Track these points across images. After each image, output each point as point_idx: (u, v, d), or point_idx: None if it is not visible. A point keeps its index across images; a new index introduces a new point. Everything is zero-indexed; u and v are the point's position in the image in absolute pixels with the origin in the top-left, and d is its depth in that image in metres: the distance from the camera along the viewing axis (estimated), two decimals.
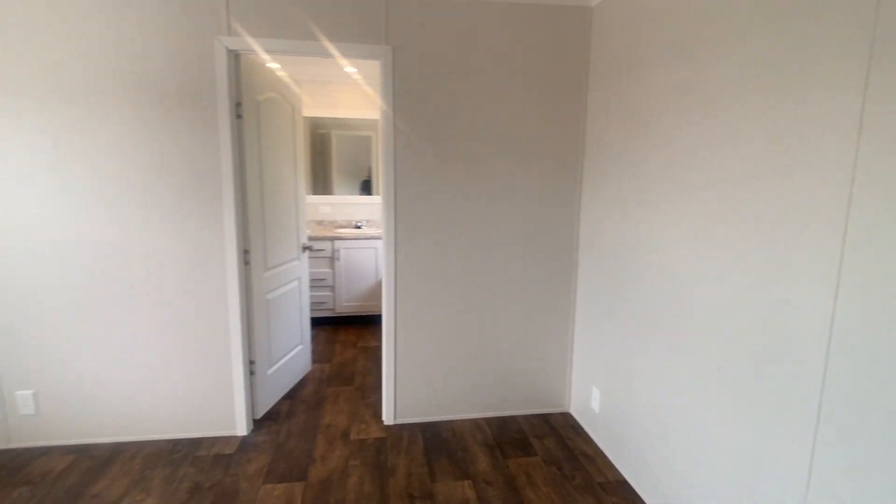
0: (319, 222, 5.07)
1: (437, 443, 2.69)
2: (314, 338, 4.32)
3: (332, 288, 4.57)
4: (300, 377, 3.43)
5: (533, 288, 2.89)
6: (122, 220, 2.47)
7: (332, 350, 4.03)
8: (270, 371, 2.98)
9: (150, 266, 2.53)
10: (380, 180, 2.67)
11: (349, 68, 4.46)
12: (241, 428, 2.73)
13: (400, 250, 2.74)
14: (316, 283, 4.53)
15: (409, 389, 2.88)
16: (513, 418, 2.97)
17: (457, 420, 2.94)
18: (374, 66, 4.31)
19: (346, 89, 4.90)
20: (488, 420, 2.94)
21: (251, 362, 2.78)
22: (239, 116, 2.55)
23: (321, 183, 5.06)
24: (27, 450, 2.55)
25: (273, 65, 4.36)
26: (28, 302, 2.47)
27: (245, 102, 2.58)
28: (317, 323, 4.71)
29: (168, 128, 2.44)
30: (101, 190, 2.43)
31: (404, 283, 2.77)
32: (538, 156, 2.77)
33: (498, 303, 2.88)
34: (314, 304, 4.55)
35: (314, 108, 4.90)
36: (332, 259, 4.53)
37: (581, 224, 2.86)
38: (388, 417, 2.88)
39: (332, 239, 4.50)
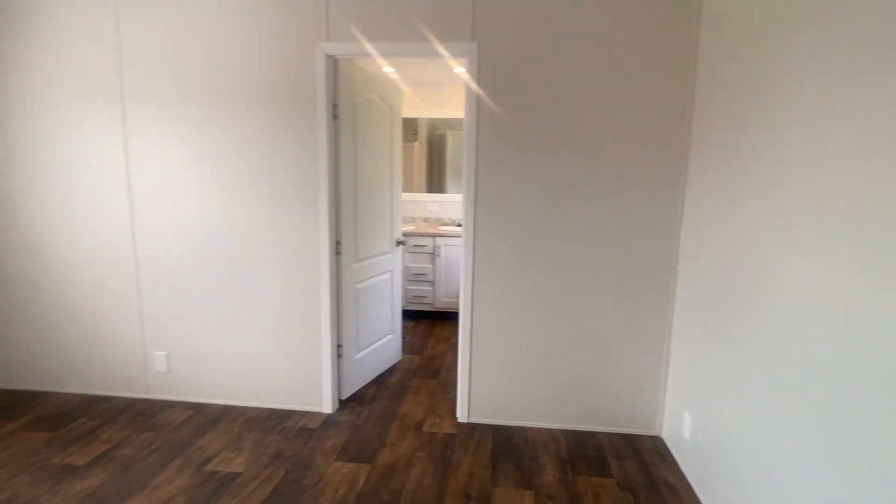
0: (426, 219, 5.24)
1: (507, 447, 2.62)
2: (411, 330, 4.48)
3: (432, 283, 4.70)
4: (389, 365, 3.59)
5: (624, 297, 2.67)
6: (235, 212, 2.81)
7: (426, 343, 4.15)
8: (358, 356, 3.16)
9: (256, 252, 2.84)
10: (462, 177, 2.67)
11: (458, 69, 4.54)
12: (327, 406, 2.94)
13: (479, 248, 2.71)
14: (417, 277, 4.69)
15: (484, 389, 2.84)
16: (593, 434, 2.77)
17: (531, 427, 2.83)
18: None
19: (457, 90, 4.99)
20: (565, 432, 2.79)
21: (339, 346, 2.98)
22: (335, 117, 2.74)
23: (436, 182, 5.23)
24: (159, 402, 3.04)
25: (388, 69, 4.62)
26: (164, 278, 2.93)
27: (342, 104, 2.76)
28: (415, 316, 4.88)
29: (273, 128, 2.71)
30: (220, 184, 2.80)
31: (482, 281, 2.74)
32: (635, 155, 2.55)
33: (584, 310, 2.70)
34: (414, 298, 4.72)
35: (429, 109, 5.07)
36: (433, 255, 4.66)
37: (683, 231, 2.56)
38: (461, 415, 2.88)
39: (434, 236, 4.62)
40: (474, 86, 2.56)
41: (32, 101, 2.84)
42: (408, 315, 4.89)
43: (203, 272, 2.90)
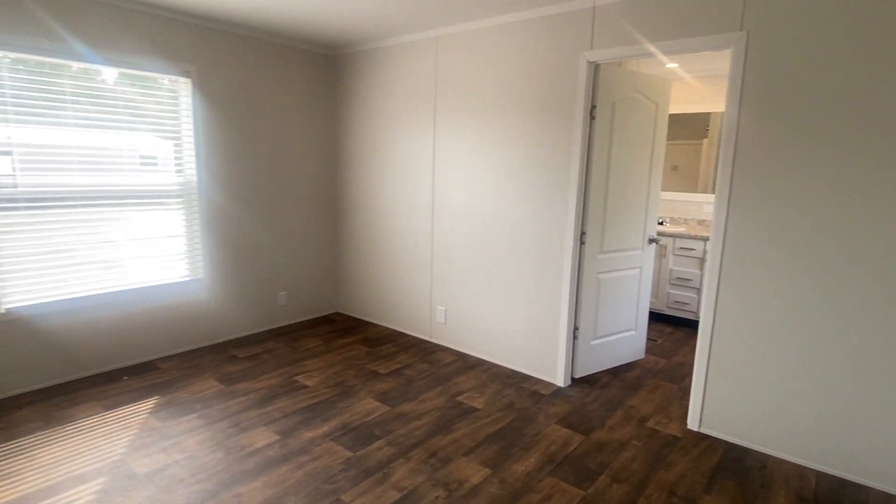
0: (701, 222, 4.89)
1: (736, 466, 2.43)
2: (666, 335, 4.34)
3: (698, 290, 4.41)
4: (628, 360, 3.64)
5: None
6: (500, 199, 3.39)
7: (677, 350, 3.98)
8: (594, 342, 3.36)
9: (511, 235, 3.37)
10: (717, 178, 2.57)
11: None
12: (559, 379, 3.26)
13: (729, 250, 2.55)
14: (680, 282, 4.48)
15: (720, 402, 2.67)
16: (862, 488, 2.28)
17: (774, 457, 2.51)
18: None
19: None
20: (819, 474, 2.38)
21: (575, 328, 3.25)
22: (592, 118, 3.00)
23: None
24: (435, 345, 3.93)
25: (672, 64, 4.51)
26: (448, 250, 3.76)
27: (599, 105, 3.00)
28: (675, 322, 4.66)
29: (535, 130, 3.16)
30: (488, 178, 3.42)
31: (731, 286, 2.57)
32: None
33: (866, 331, 2.24)
34: (675, 304, 4.53)
35: (722, 103, 4.71)
36: (702, 260, 4.36)
37: None
38: (692, 422, 2.77)
39: (705, 239, 4.32)
40: (738, 81, 2.42)
41: (388, 118, 4.04)
42: (665, 320, 4.72)
43: (475, 249, 3.60)
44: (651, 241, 3.52)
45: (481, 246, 3.56)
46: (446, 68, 3.57)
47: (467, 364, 3.57)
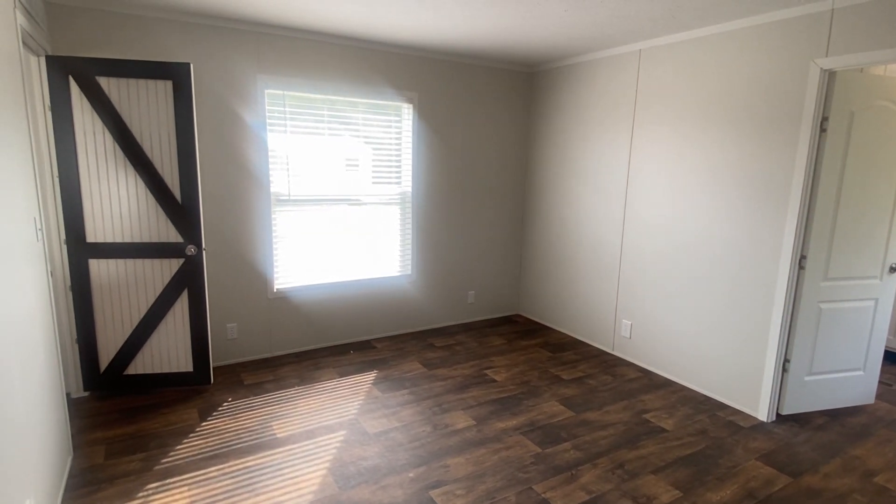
0: None
1: None
2: None
3: None
4: (852, 404, 3.18)
5: None
6: (703, 215, 3.25)
7: None
8: (808, 378, 3.02)
9: (716, 253, 3.20)
10: None
11: None
12: (763, 413, 3.02)
13: None
14: None
15: None
16: None
17: None
18: None
19: None
20: None
21: (786, 361, 2.97)
22: (823, 130, 2.71)
23: None
24: (619, 358, 3.92)
25: None
26: (638, 262, 3.72)
27: (832, 116, 2.69)
28: None
29: (749, 143, 2.96)
30: (690, 192, 3.29)
31: None
32: None
33: None
34: None
35: None
36: None
37: None
38: None
39: None
40: None
41: (582, 131, 4.16)
42: None
43: (669, 265, 3.51)
44: (893, 269, 3.02)
45: (676, 262, 3.46)
46: (647, 81, 3.54)
47: (653, 382, 3.51)
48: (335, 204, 3.85)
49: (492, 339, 4.30)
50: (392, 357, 3.84)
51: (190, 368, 3.19)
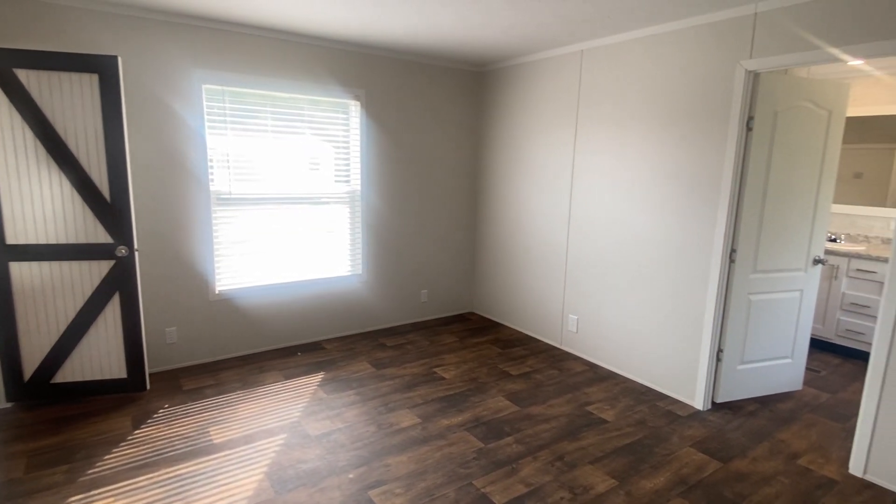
0: (887, 240, 4.23)
1: None
2: (833, 368, 3.86)
3: (876, 319, 3.83)
4: (781, 390, 3.34)
5: None
6: (641, 212, 3.34)
7: (845, 386, 3.53)
8: (740, 367, 3.15)
9: (650, 248, 3.30)
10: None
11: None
12: (699, 402, 3.13)
13: None
14: (854, 308, 3.94)
15: (893, 449, 2.36)
16: None
17: None
18: None
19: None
20: None
21: (719, 351, 3.09)
22: (749, 129, 2.83)
23: None
24: (566, 352, 3.99)
25: (855, 62, 3.97)
26: (582, 260, 3.80)
27: (758, 116, 2.81)
28: (847, 354, 4.10)
29: (683, 142, 3.06)
30: (630, 188, 3.38)
31: None
32: None
33: None
34: (846, 332, 3.99)
35: None
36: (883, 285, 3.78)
37: None
38: (855, 467, 2.49)
39: (887, 261, 3.74)
40: None
41: (528, 130, 4.21)
42: (833, 350, 4.18)
43: (612, 261, 3.60)
44: (816, 261, 3.18)
45: (618, 258, 3.55)
46: (589, 81, 3.61)
47: (598, 375, 3.59)
48: (282, 203, 3.77)
49: (444, 337, 4.31)
50: (341, 358, 3.79)
51: (124, 375, 3.06)
